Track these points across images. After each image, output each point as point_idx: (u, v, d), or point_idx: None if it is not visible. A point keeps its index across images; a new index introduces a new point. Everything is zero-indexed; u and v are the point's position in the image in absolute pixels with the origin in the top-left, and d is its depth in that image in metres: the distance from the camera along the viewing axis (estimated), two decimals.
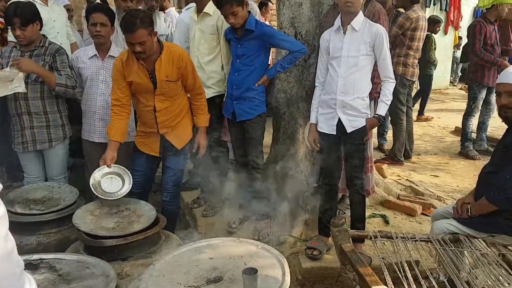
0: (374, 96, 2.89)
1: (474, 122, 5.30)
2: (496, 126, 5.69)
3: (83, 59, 3.13)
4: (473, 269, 2.18)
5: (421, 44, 4.66)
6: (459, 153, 5.38)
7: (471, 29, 5.06)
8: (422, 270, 2.11)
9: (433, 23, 6.54)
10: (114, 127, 2.74)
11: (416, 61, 4.70)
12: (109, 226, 2.35)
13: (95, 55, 3.12)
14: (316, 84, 2.80)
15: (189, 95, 2.92)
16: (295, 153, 3.46)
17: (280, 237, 3.03)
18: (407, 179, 4.35)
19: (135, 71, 2.67)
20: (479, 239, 2.28)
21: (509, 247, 2.28)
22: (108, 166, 2.67)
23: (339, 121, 2.61)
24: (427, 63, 6.68)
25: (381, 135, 5.38)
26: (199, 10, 3.15)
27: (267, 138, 3.96)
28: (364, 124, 2.59)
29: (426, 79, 6.83)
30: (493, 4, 3.74)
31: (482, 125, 5.35)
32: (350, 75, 2.54)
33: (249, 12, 2.89)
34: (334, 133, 2.66)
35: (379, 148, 5.30)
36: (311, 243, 2.81)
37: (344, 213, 3.25)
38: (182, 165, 3.03)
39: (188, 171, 4.18)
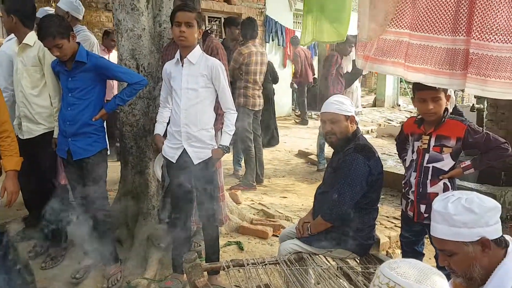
0: (220, 127, 2.97)
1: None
2: None
3: None
4: (318, 284, 2.35)
5: (258, 77, 4.94)
6: (317, 170, 5.88)
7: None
8: None
9: None
10: None
11: (257, 92, 4.98)
12: None
13: None
14: (160, 103, 2.79)
15: None
16: (145, 189, 3.32)
17: (131, 281, 2.83)
18: (259, 203, 4.54)
19: None
20: (320, 255, 2.48)
21: (345, 260, 2.53)
22: None
23: (185, 151, 2.60)
24: None
25: (236, 161, 5.55)
26: (19, 41, 2.88)
27: (114, 175, 3.74)
28: (211, 155, 2.62)
29: None
30: (312, 41, 4.19)
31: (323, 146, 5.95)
32: (191, 107, 2.56)
33: (79, 43, 2.73)
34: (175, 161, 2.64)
35: (234, 174, 5.47)
36: (165, 283, 2.69)
37: (200, 245, 3.21)
38: None
39: (23, 218, 3.68)
